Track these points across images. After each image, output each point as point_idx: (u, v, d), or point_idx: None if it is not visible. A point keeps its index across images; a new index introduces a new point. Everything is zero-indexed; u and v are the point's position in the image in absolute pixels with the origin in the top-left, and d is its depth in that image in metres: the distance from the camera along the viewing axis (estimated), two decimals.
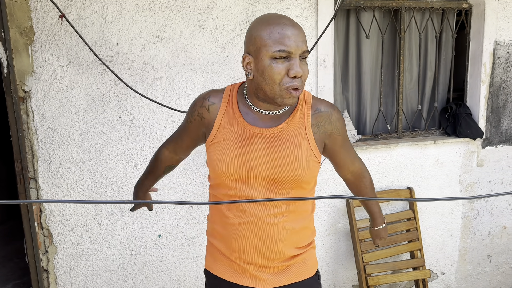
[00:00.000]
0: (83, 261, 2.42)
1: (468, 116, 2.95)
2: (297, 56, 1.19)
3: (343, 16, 2.79)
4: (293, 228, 1.34)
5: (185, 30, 2.38)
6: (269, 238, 1.31)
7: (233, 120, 1.30)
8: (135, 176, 2.41)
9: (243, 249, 1.33)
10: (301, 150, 1.28)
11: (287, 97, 1.21)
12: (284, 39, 1.17)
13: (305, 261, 1.40)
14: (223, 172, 1.29)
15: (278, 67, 1.18)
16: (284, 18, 1.22)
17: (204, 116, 1.34)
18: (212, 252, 1.44)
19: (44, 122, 2.26)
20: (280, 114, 1.30)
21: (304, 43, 1.20)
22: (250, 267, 1.35)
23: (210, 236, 1.45)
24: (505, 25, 2.91)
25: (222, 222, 1.37)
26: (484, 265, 3.20)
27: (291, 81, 1.19)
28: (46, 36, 2.20)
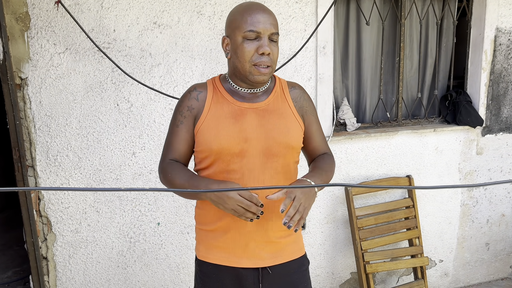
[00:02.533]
0: (82, 249, 2.42)
1: (468, 104, 2.94)
2: (266, 36, 1.32)
3: (343, 2, 2.76)
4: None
5: (183, 16, 2.35)
6: (269, 213, 1.38)
7: (223, 101, 1.40)
8: (133, 164, 2.40)
9: (243, 225, 1.37)
10: (288, 119, 1.41)
11: (257, 74, 1.34)
12: (254, 21, 1.31)
13: (296, 241, 1.48)
14: (221, 148, 1.34)
15: (248, 45, 1.32)
16: (256, 4, 1.36)
17: (193, 107, 1.40)
18: (204, 241, 1.45)
19: (41, 110, 2.24)
20: (262, 92, 1.43)
21: (273, 26, 1.33)
22: (250, 244, 1.39)
23: (203, 224, 1.45)
24: (507, 11, 2.88)
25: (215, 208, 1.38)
26: (482, 252, 3.22)
27: (259, 57, 1.32)
28: (42, 22, 2.17)
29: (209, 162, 1.37)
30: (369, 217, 2.74)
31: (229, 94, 1.40)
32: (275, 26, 1.34)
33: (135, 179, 2.42)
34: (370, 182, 2.80)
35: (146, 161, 2.42)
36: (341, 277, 2.92)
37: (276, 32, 1.34)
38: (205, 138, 1.35)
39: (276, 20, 1.36)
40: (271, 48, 1.33)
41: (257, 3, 1.37)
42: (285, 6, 2.49)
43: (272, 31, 1.33)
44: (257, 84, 1.38)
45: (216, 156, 1.34)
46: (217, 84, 1.42)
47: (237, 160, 1.35)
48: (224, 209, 1.28)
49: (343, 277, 2.93)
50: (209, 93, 1.40)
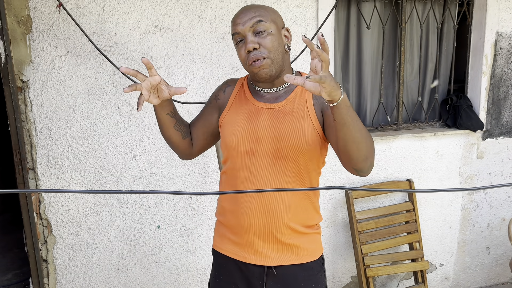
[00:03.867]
0: (82, 252, 2.42)
1: (469, 108, 2.94)
2: (247, 33, 1.30)
3: (344, 6, 2.77)
4: (298, 204, 1.39)
5: (184, 20, 2.36)
6: (276, 211, 1.37)
7: (243, 99, 1.43)
8: (133, 167, 2.40)
9: (251, 222, 1.38)
10: (301, 122, 1.35)
11: (256, 71, 1.32)
12: (234, 24, 1.33)
13: (309, 244, 1.44)
14: (233, 144, 1.38)
15: (239, 49, 1.34)
16: (243, 7, 1.36)
17: (219, 98, 1.47)
18: (219, 231, 1.50)
19: (42, 112, 2.25)
20: (282, 91, 1.40)
21: (252, 19, 1.29)
22: (256, 241, 1.39)
23: (219, 215, 1.51)
24: (507, 16, 2.89)
25: (231, 197, 1.43)
26: (483, 257, 3.21)
27: (248, 56, 1.31)
28: (44, 25, 2.18)
29: (226, 157, 1.44)
30: (369, 221, 2.74)
31: (250, 93, 1.42)
32: (258, 15, 1.29)
33: (136, 182, 2.42)
34: (370, 186, 2.80)
35: (146, 164, 2.42)
36: (342, 281, 2.92)
37: (258, 20, 1.28)
38: (223, 133, 1.42)
39: (258, 10, 1.31)
40: (259, 41, 1.29)
41: (246, 5, 1.38)
42: (286, 10, 2.49)
43: (252, 23, 1.28)
44: (264, 80, 1.34)
45: (230, 151, 1.40)
46: (245, 82, 1.46)
47: (247, 158, 1.37)
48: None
49: (343, 281, 2.92)
50: (235, 90, 1.45)
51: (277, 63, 1.32)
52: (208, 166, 2.51)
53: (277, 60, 1.32)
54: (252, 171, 1.36)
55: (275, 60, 1.31)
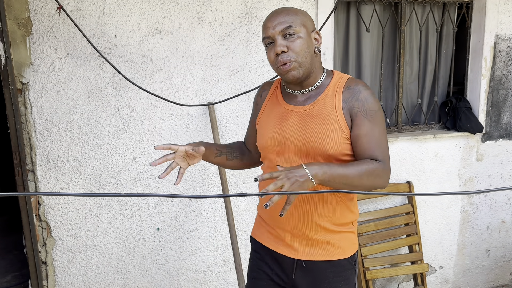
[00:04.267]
0: (82, 254, 2.42)
1: (468, 110, 2.94)
2: (277, 37, 1.34)
3: (344, 9, 2.77)
4: (327, 202, 1.42)
5: (184, 22, 2.36)
6: (305, 208, 1.41)
7: (276, 101, 1.49)
8: (133, 169, 2.40)
9: (280, 217, 1.43)
10: (328, 125, 1.36)
11: (284, 74, 1.37)
12: (265, 27, 1.37)
13: (340, 242, 1.45)
14: (264, 145, 1.46)
15: (269, 52, 1.38)
16: (274, 10, 1.39)
17: (258, 103, 1.57)
18: (258, 221, 1.61)
19: (42, 115, 2.25)
20: (311, 92, 1.42)
21: (282, 24, 1.33)
22: (286, 235, 1.46)
23: (259, 208, 1.61)
24: (506, 18, 2.89)
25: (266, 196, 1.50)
26: (483, 259, 3.21)
27: (277, 59, 1.36)
28: (44, 27, 2.18)
29: (262, 156, 1.52)
30: (369, 223, 2.74)
31: (281, 96, 1.48)
32: (289, 21, 1.33)
33: (135, 184, 2.42)
34: None
35: (146, 166, 2.42)
36: None
37: (288, 25, 1.32)
38: (257, 135, 1.51)
39: (288, 15, 1.34)
40: (288, 44, 1.33)
41: (277, 9, 1.40)
42: None
43: (281, 28, 1.33)
44: (292, 82, 1.39)
45: (264, 152, 1.49)
46: (278, 85, 1.52)
47: (279, 158, 1.43)
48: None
49: None
50: (269, 94, 1.53)
51: (304, 66, 1.35)
52: (208, 168, 2.51)
53: (305, 63, 1.35)
54: None
55: (303, 63, 1.35)
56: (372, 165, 1.29)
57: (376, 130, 1.34)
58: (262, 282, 1.54)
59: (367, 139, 1.33)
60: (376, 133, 1.34)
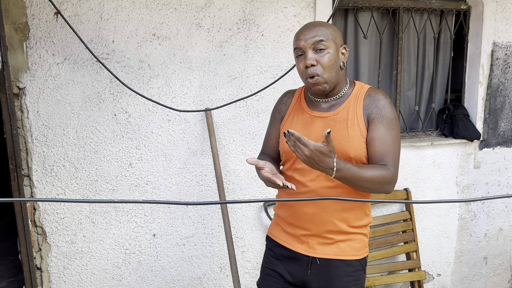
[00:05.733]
0: (77, 260, 2.40)
1: (466, 117, 2.94)
2: (308, 50, 1.42)
3: (341, 16, 2.78)
4: (345, 204, 1.48)
5: (182, 28, 2.36)
6: (322, 208, 1.48)
7: (300, 108, 1.56)
8: (130, 175, 2.39)
9: (299, 216, 1.52)
10: (351, 129, 1.44)
11: (310, 87, 1.45)
12: (297, 39, 1.45)
13: (353, 243, 1.52)
14: (288, 150, 1.50)
15: (299, 63, 1.47)
16: (308, 23, 1.48)
17: (281, 110, 1.63)
18: (275, 221, 1.67)
19: (38, 120, 2.24)
20: (335, 100, 1.51)
21: (316, 36, 1.41)
22: (302, 233, 1.53)
23: (277, 207, 1.66)
24: (504, 26, 2.90)
25: (287, 193, 1.57)
26: (480, 267, 3.20)
27: (306, 71, 1.44)
28: (41, 32, 2.18)
29: (284, 159, 1.58)
30: None
31: (306, 103, 1.56)
32: (321, 35, 1.41)
33: (132, 190, 2.41)
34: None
35: (143, 172, 2.41)
36: None
37: (320, 39, 1.40)
38: (282, 140, 1.55)
39: (321, 30, 1.42)
40: (317, 58, 1.41)
41: (308, 23, 1.49)
42: (284, 19, 2.50)
43: (313, 41, 1.41)
44: (318, 94, 1.48)
45: (287, 155, 1.54)
46: (302, 93, 1.60)
47: (300, 161, 1.47)
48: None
49: None
50: (293, 101, 1.60)
51: (330, 81, 1.45)
52: (204, 175, 2.50)
53: (331, 77, 1.44)
54: (305, 172, 1.49)
55: (329, 78, 1.44)
56: (384, 172, 1.38)
57: (389, 137, 1.42)
58: (272, 279, 1.60)
59: (379, 143, 1.41)
60: (389, 139, 1.42)
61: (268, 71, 2.51)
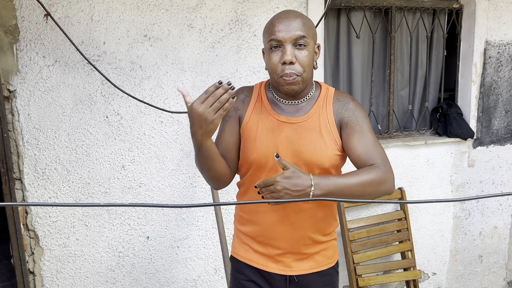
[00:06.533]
0: (70, 263, 2.38)
1: (459, 116, 2.95)
2: (288, 43, 1.26)
3: (334, 16, 2.78)
4: (319, 214, 1.40)
5: (174, 29, 2.35)
6: (297, 224, 1.38)
7: (264, 111, 1.39)
8: (122, 178, 2.38)
9: (271, 234, 1.40)
10: (323, 138, 1.34)
11: (284, 85, 1.30)
12: (274, 30, 1.27)
13: (328, 251, 1.48)
14: (256, 160, 1.36)
15: (273, 56, 1.29)
16: (284, 12, 1.32)
17: (239, 108, 1.41)
18: (240, 239, 1.50)
19: (29, 122, 2.22)
20: (303, 103, 1.38)
21: (297, 31, 1.26)
22: (277, 252, 1.42)
23: (240, 224, 1.50)
24: (496, 25, 2.91)
25: (252, 210, 1.43)
26: (475, 265, 3.20)
27: (283, 68, 1.28)
28: (31, 35, 2.16)
29: (245, 171, 1.41)
30: (361, 230, 2.72)
31: (270, 105, 1.39)
32: (301, 29, 1.26)
33: (125, 192, 2.39)
34: None
35: (135, 174, 2.39)
36: None
37: (302, 35, 1.26)
38: (245, 148, 1.38)
39: (303, 24, 1.28)
40: (296, 54, 1.26)
41: (286, 11, 1.32)
42: None
43: (295, 35, 1.25)
44: (289, 94, 1.33)
45: (251, 166, 1.38)
46: (262, 92, 1.42)
47: (269, 174, 1.34)
48: (209, 125, 1.15)
49: None
50: (253, 100, 1.41)
51: (306, 80, 1.32)
52: (198, 176, 2.49)
53: (307, 77, 1.31)
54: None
55: (305, 77, 1.30)
56: (373, 172, 1.24)
57: (369, 135, 1.33)
58: None
59: (361, 144, 1.31)
60: (370, 138, 1.33)
61: (261, 71, 2.51)
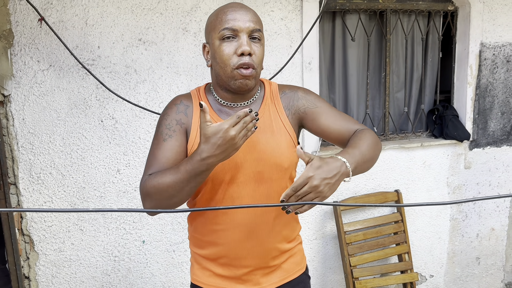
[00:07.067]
0: (66, 268, 2.37)
1: (455, 118, 2.95)
2: (245, 34, 1.18)
3: (329, 18, 2.78)
4: (282, 222, 1.33)
5: (168, 33, 2.35)
6: (263, 237, 1.29)
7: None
8: (117, 182, 2.37)
9: (237, 253, 1.29)
10: (279, 137, 1.26)
11: (239, 78, 1.19)
12: (229, 19, 1.18)
13: (295, 258, 1.40)
14: (213, 175, 1.21)
15: (226, 47, 1.18)
16: (233, 3, 1.23)
17: (183, 122, 1.25)
18: (199, 263, 1.38)
19: (24, 127, 2.22)
20: (250, 104, 1.28)
21: (253, 23, 1.19)
22: (243, 271, 1.32)
23: (195, 246, 1.38)
24: (491, 27, 2.91)
25: (210, 231, 1.30)
26: (473, 267, 3.19)
27: (239, 59, 1.17)
28: (26, 39, 2.16)
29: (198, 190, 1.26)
30: (357, 232, 2.72)
31: (215, 113, 1.26)
32: (256, 22, 1.19)
33: (120, 196, 2.39)
34: (358, 197, 2.78)
35: (131, 178, 2.39)
36: None
37: (258, 28, 1.19)
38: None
39: (257, 17, 1.21)
40: (252, 47, 1.18)
41: (234, 2, 1.24)
42: (271, 23, 2.50)
43: (251, 27, 1.17)
44: (242, 91, 1.22)
45: (206, 183, 1.23)
46: (203, 99, 1.28)
47: (227, 188, 1.24)
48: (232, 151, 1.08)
49: None
50: (195, 110, 1.26)
51: (257, 78, 1.24)
52: None
53: (259, 73, 1.23)
54: (234, 201, 1.24)
55: (258, 74, 1.23)
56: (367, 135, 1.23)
57: (332, 111, 1.31)
58: None
59: (333, 122, 1.29)
60: (334, 112, 1.31)
61: None
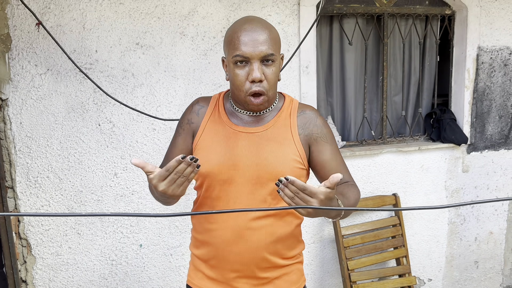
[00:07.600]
0: (63, 272, 2.37)
1: (453, 121, 2.95)
2: (256, 60, 1.19)
3: (326, 23, 2.79)
4: (277, 234, 1.29)
5: (166, 37, 2.36)
6: (253, 244, 1.27)
7: (219, 121, 1.32)
8: (115, 185, 2.37)
9: (224, 256, 1.29)
10: (285, 149, 1.27)
11: (250, 104, 1.24)
12: (240, 44, 1.19)
13: (290, 276, 1.36)
14: (209, 172, 1.26)
15: (239, 72, 1.22)
16: (249, 23, 1.22)
17: (193, 121, 1.34)
18: (195, 265, 1.39)
19: (22, 131, 2.22)
20: (264, 115, 1.31)
21: (266, 46, 1.19)
22: (231, 276, 1.31)
23: (193, 246, 1.41)
24: (488, 31, 2.92)
25: (205, 229, 1.33)
26: (471, 271, 3.19)
27: (250, 86, 1.21)
28: (23, 43, 2.17)
29: (199, 184, 1.33)
30: (355, 236, 2.72)
31: (226, 116, 1.31)
32: (270, 44, 1.20)
33: (117, 200, 2.39)
34: None
35: (128, 182, 2.39)
36: None
37: (271, 53, 1.20)
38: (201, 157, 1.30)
39: (272, 36, 1.22)
40: (265, 72, 1.20)
41: (252, 21, 1.22)
42: None
43: (263, 53, 1.18)
44: (255, 111, 1.29)
45: (204, 179, 1.28)
46: (220, 102, 1.35)
47: (224, 187, 1.27)
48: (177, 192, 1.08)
49: None
50: (209, 110, 1.34)
51: (272, 97, 1.27)
52: (192, 183, 2.48)
53: (273, 94, 1.27)
54: (230, 200, 1.27)
55: (272, 95, 1.26)
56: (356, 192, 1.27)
57: (338, 154, 1.34)
58: None
59: (334, 164, 1.31)
60: (340, 157, 1.34)
61: None
